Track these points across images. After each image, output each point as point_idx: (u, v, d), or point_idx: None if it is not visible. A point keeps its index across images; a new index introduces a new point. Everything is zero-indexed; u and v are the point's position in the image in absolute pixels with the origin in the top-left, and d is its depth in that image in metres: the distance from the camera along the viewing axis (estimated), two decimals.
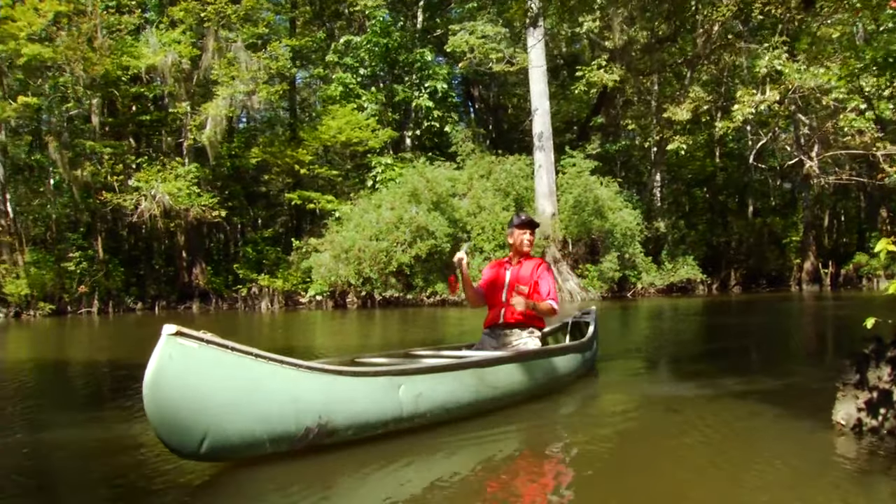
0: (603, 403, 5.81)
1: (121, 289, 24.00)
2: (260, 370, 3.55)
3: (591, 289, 24.13)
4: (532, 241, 6.12)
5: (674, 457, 3.92)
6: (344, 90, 28.76)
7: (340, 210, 25.58)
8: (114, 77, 23.09)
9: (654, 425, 4.77)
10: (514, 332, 5.97)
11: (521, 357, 5.37)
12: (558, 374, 5.88)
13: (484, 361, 4.92)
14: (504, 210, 24.46)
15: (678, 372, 7.57)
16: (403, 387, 4.18)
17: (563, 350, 6.20)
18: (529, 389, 5.33)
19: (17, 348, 12.84)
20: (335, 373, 3.89)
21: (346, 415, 3.89)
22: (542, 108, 25.05)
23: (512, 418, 4.87)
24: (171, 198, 22.66)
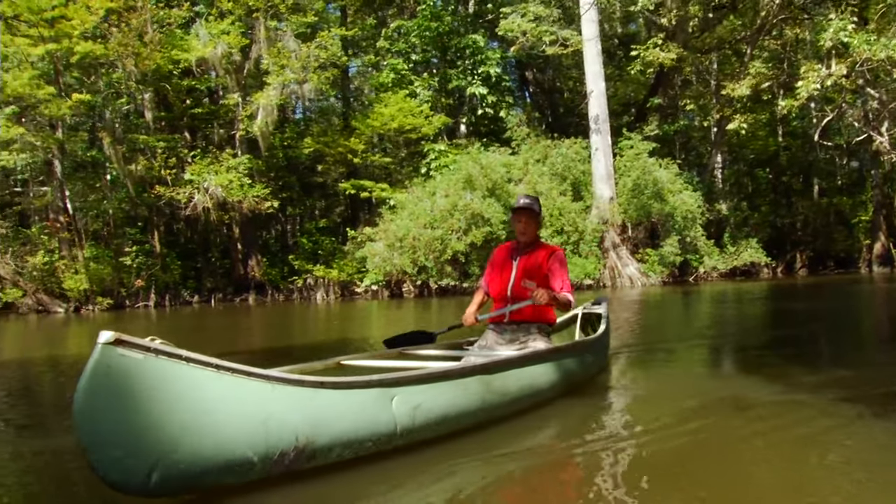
0: (656, 403, 5.05)
1: (178, 282, 24.19)
2: (223, 385, 3.00)
3: (651, 274, 23.60)
4: (527, 229, 5.34)
5: (743, 470, 3.35)
6: (396, 77, 28.53)
7: (395, 198, 25.40)
8: (165, 71, 23.20)
9: (717, 427, 4.23)
10: (522, 329, 5.36)
11: (533, 359, 4.78)
12: (572, 375, 5.26)
13: (491, 365, 4.37)
14: (561, 195, 24.04)
15: (743, 363, 7.06)
16: (397, 398, 3.63)
17: (577, 348, 5.56)
18: (542, 393, 4.78)
19: (78, 343, 12.94)
20: (315, 385, 3.32)
21: (329, 434, 3.31)
22: (597, 90, 24.50)
23: (527, 425, 4.33)
24: (224, 190, 22.72)
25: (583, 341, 5.85)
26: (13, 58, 20.29)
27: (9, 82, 19.33)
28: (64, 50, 20.19)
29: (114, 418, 2.73)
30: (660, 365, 6.79)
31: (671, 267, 24.26)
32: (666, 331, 10.50)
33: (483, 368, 4.29)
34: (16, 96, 19.83)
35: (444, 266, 22.58)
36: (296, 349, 9.75)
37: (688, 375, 6.31)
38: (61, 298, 21.35)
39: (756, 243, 27.31)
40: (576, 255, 23.21)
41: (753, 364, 6.72)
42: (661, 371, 6.46)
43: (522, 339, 5.34)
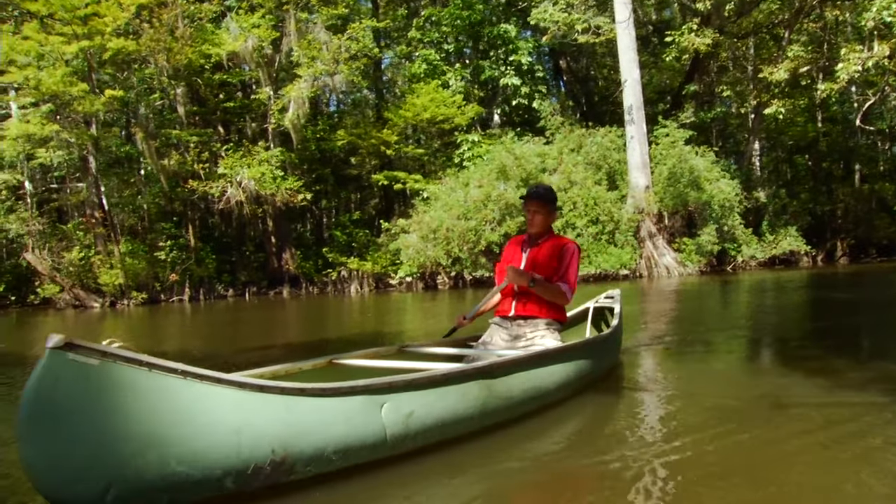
0: (686, 402, 4.65)
1: (213, 276, 24.33)
2: (190, 393, 2.72)
3: (688, 263, 23.27)
4: (537, 220, 5.02)
5: (783, 480, 3.03)
6: (428, 67, 28.39)
7: (428, 189, 25.30)
8: (197, 66, 23.27)
9: (754, 430, 3.84)
10: (529, 325, 5.00)
11: (539, 358, 4.40)
12: (583, 375, 4.88)
13: (493, 367, 4.01)
14: (596, 184, 23.78)
15: (783, 357, 6.75)
16: (388, 405, 3.32)
17: (588, 345, 5.10)
18: (549, 395, 4.45)
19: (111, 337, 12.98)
20: (294, 392, 3.03)
21: (310, 446, 3.01)
22: (632, 78, 24.15)
23: (532, 430, 4.01)
24: (256, 183, 22.77)
25: (594, 339, 5.39)
26: (48, 56, 20.45)
27: (43, 80, 19.48)
28: (97, 47, 20.31)
29: (64, 431, 2.48)
30: (694, 359, 6.55)
31: (708, 256, 23.89)
32: (702, 322, 10.28)
33: (484, 371, 3.96)
34: (51, 94, 19.99)
35: (478, 257, 22.45)
36: (330, 342, 9.69)
37: (723, 370, 6.05)
38: (97, 293, 21.55)
39: (795, 231, 26.87)
40: (611, 245, 22.97)
41: (794, 358, 6.44)
42: (695, 366, 6.22)
43: (529, 335, 5.00)
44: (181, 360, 8.12)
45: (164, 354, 9.14)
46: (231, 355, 8.48)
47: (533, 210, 5.01)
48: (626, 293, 17.01)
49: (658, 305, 13.73)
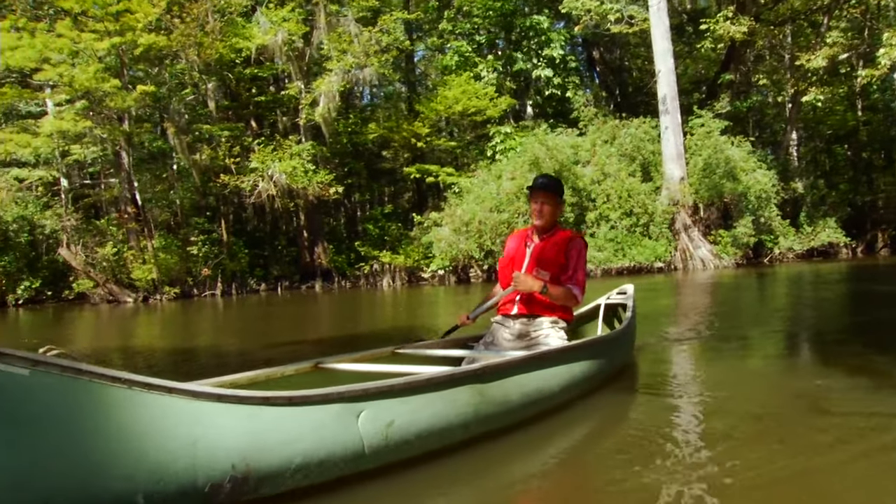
0: (714, 403, 4.35)
1: (245, 270, 24.41)
2: (136, 404, 2.45)
3: (724, 255, 22.91)
4: (545, 211, 4.78)
5: (825, 494, 2.80)
6: (460, 59, 28.23)
7: (460, 182, 25.19)
8: (228, 60, 23.34)
9: (791, 437, 3.55)
10: (533, 324, 4.78)
11: (540, 360, 4.12)
12: (589, 377, 4.60)
13: (487, 369, 3.72)
14: (630, 176, 23.51)
15: (822, 353, 6.45)
16: (365, 414, 3.04)
17: (595, 345, 4.78)
18: (550, 400, 4.16)
19: (147, 332, 13.08)
20: (257, 402, 2.77)
21: (277, 459, 2.75)
22: (665, 68, 23.81)
23: (533, 438, 3.74)
24: (288, 177, 22.78)
25: (602, 337, 5.04)
26: (82, 53, 20.60)
27: (76, 77, 19.63)
28: (128, 43, 20.43)
29: None
30: (725, 356, 6.30)
31: (745, 248, 23.51)
32: (736, 316, 10.04)
33: (476, 374, 3.67)
34: (84, 91, 20.14)
35: None
36: (361, 337, 9.63)
37: (756, 369, 5.78)
38: (130, 288, 21.70)
39: (834, 223, 26.36)
40: (646, 238, 22.69)
41: (833, 355, 6.16)
42: (726, 364, 5.95)
43: (533, 334, 4.77)
44: (213, 355, 7.99)
45: (195, 350, 9.21)
46: (261, 350, 8.44)
47: (540, 202, 4.80)
48: (660, 286, 16.93)
49: (692, 299, 13.52)
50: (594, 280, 20.08)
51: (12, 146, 20.28)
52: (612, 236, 22.41)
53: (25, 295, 22.90)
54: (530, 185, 4.89)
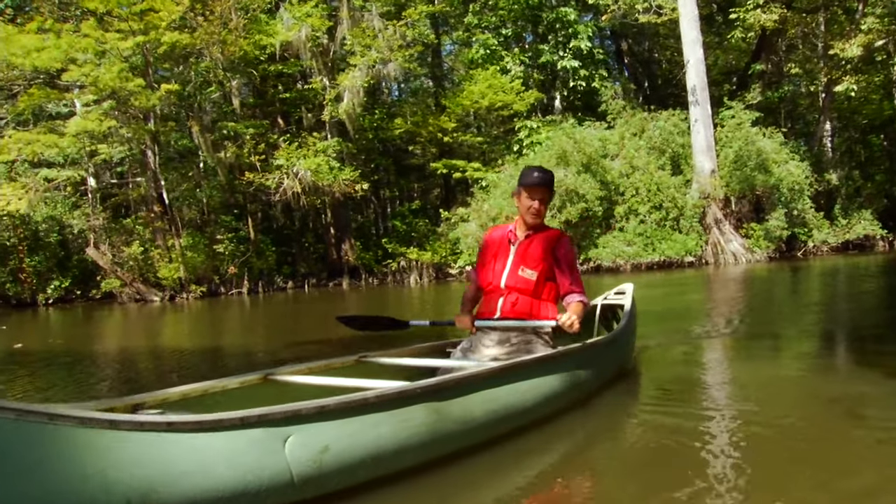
0: (730, 413, 4.01)
1: (273, 268, 24.38)
2: (16, 435, 2.20)
3: (756, 249, 22.49)
4: (543, 210, 4.42)
5: None
6: (486, 53, 28.01)
7: (487, 177, 24.98)
8: (252, 57, 23.31)
9: (826, 447, 3.26)
10: (517, 329, 4.42)
11: (512, 372, 3.75)
12: (574, 386, 4.22)
13: (446, 385, 3.35)
14: (660, 169, 23.14)
15: (859, 352, 6.15)
16: (294, 439, 2.71)
17: (581, 352, 4.39)
18: (525, 415, 3.78)
19: (175, 331, 13.05)
20: (161, 428, 2.46)
21: (183, 494, 2.42)
22: (695, 58, 23.41)
23: (506, 456, 3.41)
24: (313, 174, 22.69)
25: (591, 344, 4.64)
26: (108, 53, 20.64)
27: (100, 76, 19.68)
28: (152, 41, 20.44)
29: None
30: (755, 356, 6.06)
31: (778, 242, 23.06)
32: (769, 312, 9.76)
33: (433, 391, 3.27)
34: (109, 90, 20.19)
35: None
36: (387, 335, 9.49)
37: (788, 370, 5.47)
38: (157, 287, 21.75)
39: (870, 215, 25.80)
40: (676, 232, 22.33)
41: (872, 354, 5.92)
42: (754, 364, 5.67)
43: (515, 340, 4.40)
44: (241, 353, 7.79)
45: (220, 349, 9.12)
46: (286, 348, 8.34)
47: (539, 199, 4.40)
48: (690, 281, 16.63)
49: (722, 294, 13.23)
50: (624, 275, 19.81)
51: (39, 146, 20.37)
52: (641, 230, 22.08)
53: (55, 294, 23.07)
54: (527, 180, 4.43)
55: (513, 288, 4.40)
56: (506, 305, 4.42)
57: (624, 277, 18.73)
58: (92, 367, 8.04)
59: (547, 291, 4.43)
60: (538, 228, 4.50)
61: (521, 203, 4.43)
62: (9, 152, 20.90)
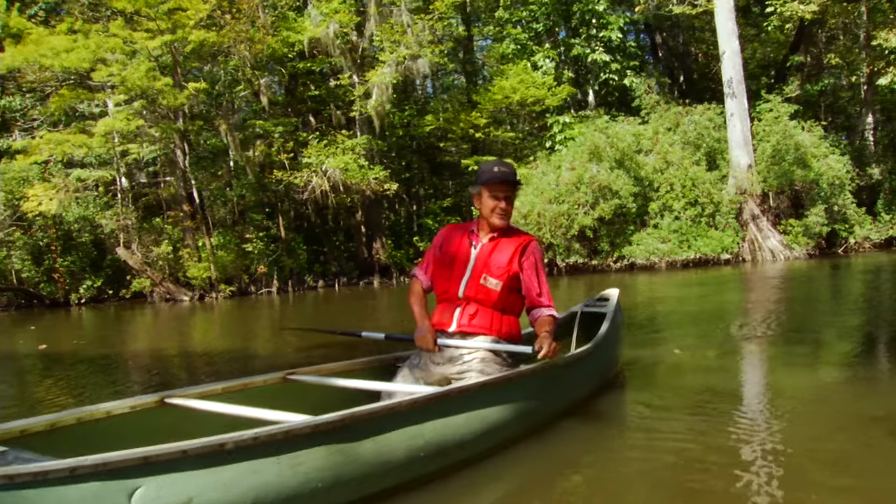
0: (767, 431, 3.60)
1: (304, 267, 24.27)
2: None
3: (795, 246, 21.93)
4: (510, 209, 3.98)
5: None
6: (516, 48, 27.68)
7: (518, 173, 24.60)
8: (280, 55, 23.18)
9: (870, 470, 2.93)
10: (472, 346, 3.87)
11: (453, 400, 3.26)
12: (535, 411, 3.77)
13: (352, 421, 2.80)
14: (695, 164, 22.66)
15: None
16: (143, 491, 2.23)
17: (547, 371, 3.87)
18: (467, 448, 3.27)
19: (203, 331, 12.95)
20: None
21: None
22: (730, 50, 22.86)
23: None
24: (341, 172, 22.53)
25: (553, 363, 3.91)
26: (138, 54, 20.66)
27: (128, 76, 19.69)
28: (179, 40, 20.41)
29: None
30: (792, 362, 5.71)
31: (817, 238, 22.47)
32: (808, 314, 9.36)
33: (335, 429, 2.74)
34: (137, 90, 20.20)
35: (571, 242, 21.70)
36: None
37: (826, 378, 5.04)
38: (186, 287, 21.74)
39: None
40: (712, 229, 21.84)
41: None
42: (791, 372, 5.30)
43: (467, 358, 3.85)
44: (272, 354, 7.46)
45: (253, 349, 8.96)
46: (318, 347, 8.11)
47: (504, 196, 3.94)
48: (726, 279, 16.21)
49: (759, 294, 12.81)
50: (659, 273, 19.42)
51: (68, 147, 20.45)
52: (676, 227, 21.62)
53: (87, 294, 23.16)
54: (488, 176, 3.94)
55: (472, 298, 3.91)
56: (463, 318, 3.92)
57: (659, 276, 18.44)
58: (105, 370, 7.90)
59: (511, 304, 3.97)
60: (504, 231, 4.02)
61: (484, 204, 3.96)
62: (40, 153, 21.06)
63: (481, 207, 3.97)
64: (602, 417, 4.18)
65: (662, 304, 11.97)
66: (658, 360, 6.11)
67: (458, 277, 3.95)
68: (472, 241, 4.03)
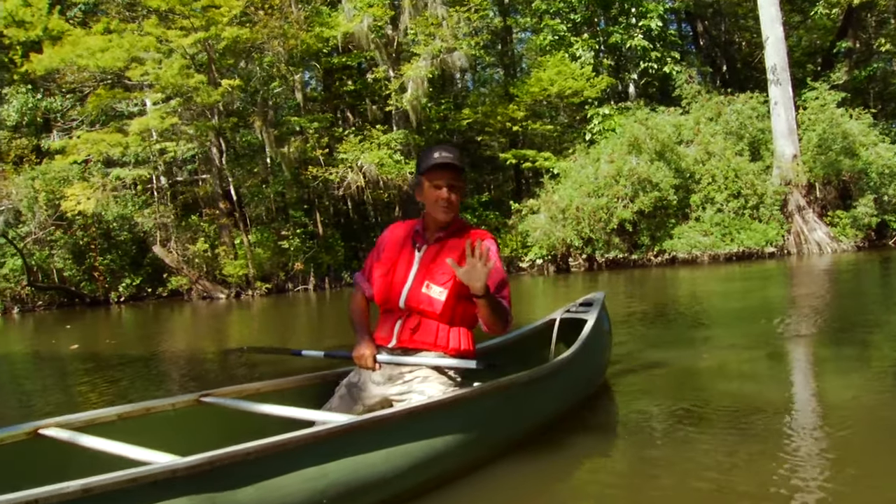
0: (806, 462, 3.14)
1: (341, 263, 24.17)
2: None
3: (843, 238, 21.29)
4: (456, 200, 3.40)
5: None
6: (554, 39, 27.27)
7: (558, 164, 24.27)
8: (314, 50, 23.09)
9: None
10: (411, 362, 3.39)
11: (364, 432, 2.76)
12: (485, 436, 3.27)
13: (226, 461, 2.32)
14: (737, 155, 22.09)
15: None
16: None
17: (503, 390, 3.38)
18: (391, 486, 2.82)
19: (240, 329, 12.88)
20: None
21: None
22: (774, 36, 22.24)
23: None
24: (377, 167, 22.36)
25: (512, 381, 3.45)
26: (172, 51, 20.71)
27: (161, 74, 19.73)
28: (213, 37, 20.40)
29: None
30: (838, 368, 5.29)
31: (866, 230, 21.78)
32: (857, 311, 8.92)
33: (205, 472, 2.27)
34: (174, 88, 20.24)
35: (611, 237, 21.30)
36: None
37: (875, 389, 4.53)
38: (223, 284, 21.78)
39: None
40: (755, 221, 21.28)
41: None
42: (836, 380, 4.84)
43: (408, 376, 3.38)
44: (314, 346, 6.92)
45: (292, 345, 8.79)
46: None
47: (448, 185, 3.36)
48: (771, 273, 15.73)
49: (805, 289, 12.33)
50: (701, 268, 18.98)
51: (104, 146, 20.60)
52: (718, 220, 21.09)
53: (127, 293, 23.32)
54: (424, 161, 3.40)
55: (414, 309, 3.39)
56: (404, 332, 3.40)
57: (701, 270, 18.05)
58: (129, 371, 7.78)
59: (461, 314, 3.38)
60: (453, 229, 3.48)
61: (426, 196, 3.41)
62: (78, 153, 21.24)
63: (425, 201, 3.44)
64: (577, 440, 3.82)
65: (704, 300, 11.62)
66: (684, 365, 5.79)
67: (399, 285, 3.42)
68: (416, 243, 3.51)
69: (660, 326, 8.61)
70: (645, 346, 6.96)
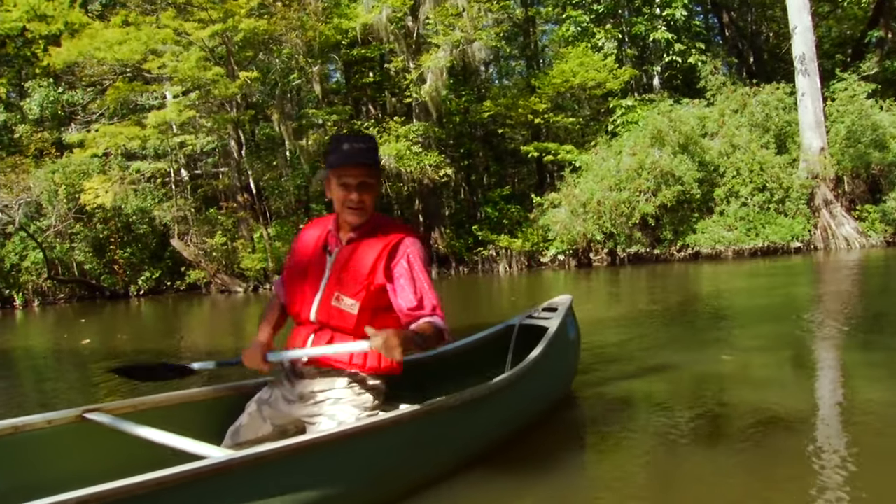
0: None
1: None
2: None
3: (871, 233, 20.82)
4: (366, 199, 2.94)
5: None
6: (576, 30, 26.91)
7: (579, 159, 23.95)
8: (333, 42, 22.92)
9: None
10: (323, 380, 3.00)
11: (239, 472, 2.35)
12: (406, 468, 2.91)
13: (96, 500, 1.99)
14: (763, 147, 21.65)
15: None
16: None
17: (437, 414, 3.00)
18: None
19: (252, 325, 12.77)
20: None
21: None
22: (802, 25, 21.77)
23: None
24: (395, 160, 22.16)
25: (447, 403, 3.06)
26: (189, 43, 20.63)
27: (179, 67, 19.66)
28: (230, 29, 20.28)
29: None
30: (866, 374, 5.00)
31: None
32: (886, 310, 8.58)
33: None
34: (189, 80, 20.17)
35: (632, 231, 20.98)
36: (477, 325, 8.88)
37: (877, 396, 4.21)
38: (240, 278, 21.71)
39: None
40: (781, 216, 20.86)
41: None
42: (862, 389, 4.55)
43: (320, 397, 2.96)
44: None
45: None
46: None
47: (357, 182, 2.91)
48: (796, 269, 15.37)
49: (833, 286, 11.98)
50: (725, 263, 18.63)
51: (122, 139, 20.58)
52: (743, 214, 20.69)
53: (146, 286, 23.33)
54: (332, 155, 2.94)
55: (325, 323, 3.00)
56: (317, 344, 2.99)
57: (725, 265, 17.74)
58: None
59: (380, 327, 2.82)
60: (367, 228, 3.03)
61: (333, 194, 2.97)
62: (97, 146, 21.23)
63: (333, 199, 3.00)
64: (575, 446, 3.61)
65: (726, 297, 11.32)
66: (703, 368, 5.54)
67: (309, 296, 3.02)
68: (328, 246, 3.08)
69: (681, 324, 8.39)
70: (663, 344, 6.81)
